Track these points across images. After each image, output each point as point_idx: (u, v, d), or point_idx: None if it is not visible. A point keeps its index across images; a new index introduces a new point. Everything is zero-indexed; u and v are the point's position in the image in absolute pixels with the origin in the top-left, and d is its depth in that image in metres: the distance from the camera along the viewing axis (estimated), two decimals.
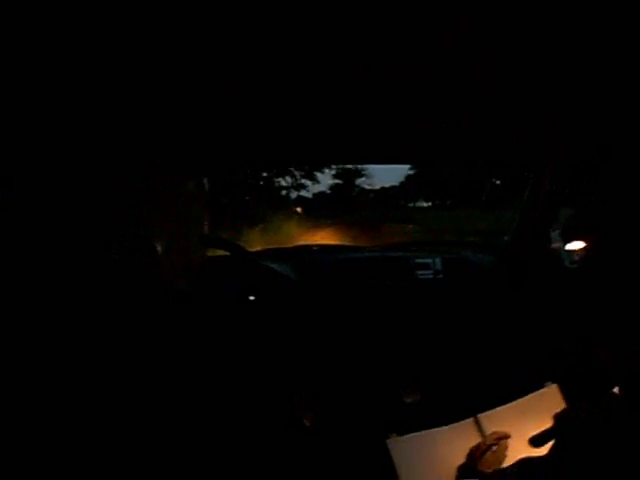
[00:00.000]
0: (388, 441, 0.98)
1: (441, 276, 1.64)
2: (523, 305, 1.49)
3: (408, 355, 1.49)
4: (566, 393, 1.13)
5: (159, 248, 0.60)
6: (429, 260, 1.66)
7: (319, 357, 1.42)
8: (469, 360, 1.48)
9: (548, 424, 1.02)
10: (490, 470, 0.90)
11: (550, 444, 0.71)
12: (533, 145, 1.29)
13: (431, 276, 1.64)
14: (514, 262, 1.58)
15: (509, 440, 0.98)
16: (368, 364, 1.46)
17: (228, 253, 1.36)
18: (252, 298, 1.40)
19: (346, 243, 2.22)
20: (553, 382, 1.16)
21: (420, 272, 1.64)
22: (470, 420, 1.05)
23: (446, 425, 1.05)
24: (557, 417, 0.69)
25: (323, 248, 1.90)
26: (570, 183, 1.30)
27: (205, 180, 0.74)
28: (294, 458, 0.94)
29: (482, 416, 1.06)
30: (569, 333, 1.23)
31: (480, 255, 1.85)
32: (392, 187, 12.12)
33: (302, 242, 2.39)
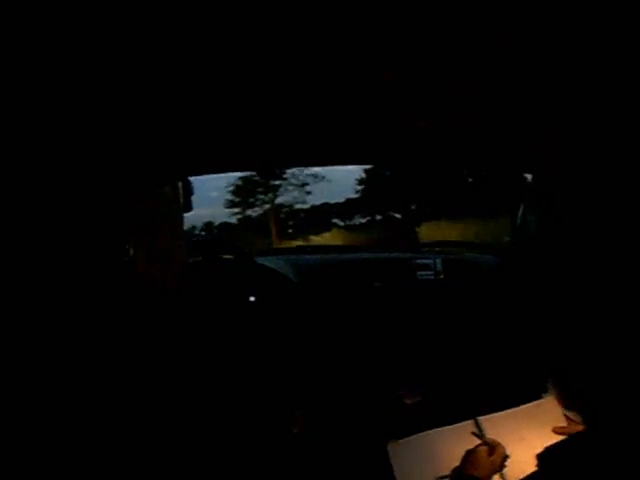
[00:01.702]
0: (388, 446, 0.97)
1: (442, 277, 1.64)
2: (525, 307, 1.49)
3: (408, 356, 1.48)
4: (564, 402, 1.12)
5: (142, 247, 0.61)
6: (429, 261, 1.66)
7: (318, 357, 1.42)
8: (470, 362, 1.48)
9: (546, 434, 1.02)
10: (483, 474, 0.88)
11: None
12: (533, 145, 1.29)
13: (432, 277, 1.64)
14: (517, 264, 1.58)
15: (508, 447, 0.96)
16: (368, 365, 1.46)
17: (227, 255, 1.36)
18: (251, 299, 1.39)
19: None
20: (552, 393, 1.16)
21: (421, 273, 1.64)
22: (470, 422, 1.05)
23: (444, 427, 1.04)
24: (539, 457, 0.67)
25: (323, 248, 1.90)
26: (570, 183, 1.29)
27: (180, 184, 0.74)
28: (289, 461, 0.94)
29: (482, 419, 1.05)
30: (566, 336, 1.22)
31: (481, 256, 1.85)
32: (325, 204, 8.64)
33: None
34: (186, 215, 0.85)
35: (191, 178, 0.96)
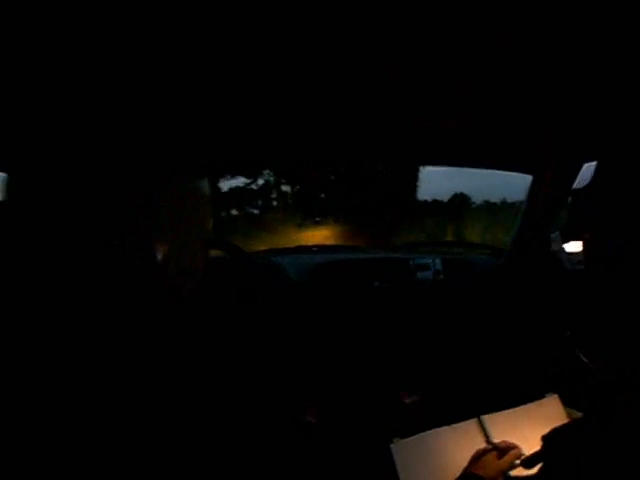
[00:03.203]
0: (392, 445, 0.97)
1: (441, 277, 1.64)
2: (525, 308, 1.49)
3: (408, 356, 1.48)
4: (566, 402, 1.12)
5: (162, 251, 0.60)
6: (429, 261, 1.66)
7: (319, 358, 1.42)
8: (469, 362, 1.48)
9: None
10: (489, 475, 0.88)
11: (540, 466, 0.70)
12: (533, 145, 1.29)
13: (431, 277, 1.64)
14: (517, 265, 1.58)
15: (515, 450, 0.95)
16: (368, 365, 1.45)
17: (227, 255, 1.35)
18: (252, 299, 1.39)
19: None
20: (554, 392, 1.16)
21: (420, 273, 1.64)
22: (473, 421, 1.05)
23: (447, 426, 1.04)
24: (545, 438, 0.68)
25: (323, 248, 1.90)
26: (569, 184, 1.29)
27: (207, 181, 0.73)
28: (295, 461, 0.94)
29: (485, 418, 1.05)
30: (567, 338, 1.22)
31: (480, 256, 1.84)
32: None
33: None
34: None
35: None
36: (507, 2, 0.65)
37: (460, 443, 0.99)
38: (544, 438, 0.67)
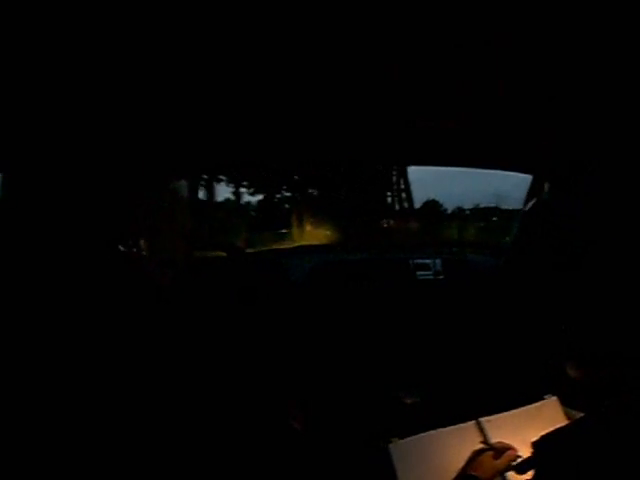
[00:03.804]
0: (390, 446, 0.97)
1: (441, 277, 1.64)
2: (525, 308, 1.49)
3: (408, 356, 1.48)
4: (566, 403, 1.12)
5: (143, 244, 0.62)
6: (429, 261, 1.66)
7: (320, 357, 1.42)
8: (469, 363, 1.47)
9: None
10: (485, 475, 0.88)
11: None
12: (533, 145, 1.29)
13: (431, 277, 1.64)
14: (517, 265, 1.58)
15: (511, 451, 0.95)
16: (368, 365, 1.45)
17: (227, 255, 1.35)
18: (251, 299, 1.39)
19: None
20: (553, 394, 1.15)
21: (420, 273, 1.64)
22: (472, 423, 1.04)
23: (446, 427, 1.04)
24: (534, 444, 0.67)
25: (323, 248, 1.91)
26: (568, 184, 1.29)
27: (187, 181, 0.75)
28: (288, 463, 0.94)
29: (484, 420, 1.05)
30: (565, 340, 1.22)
31: (480, 256, 1.85)
32: None
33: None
34: None
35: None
36: (507, 2, 0.65)
37: (458, 445, 0.99)
38: (534, 444, 0.67)
